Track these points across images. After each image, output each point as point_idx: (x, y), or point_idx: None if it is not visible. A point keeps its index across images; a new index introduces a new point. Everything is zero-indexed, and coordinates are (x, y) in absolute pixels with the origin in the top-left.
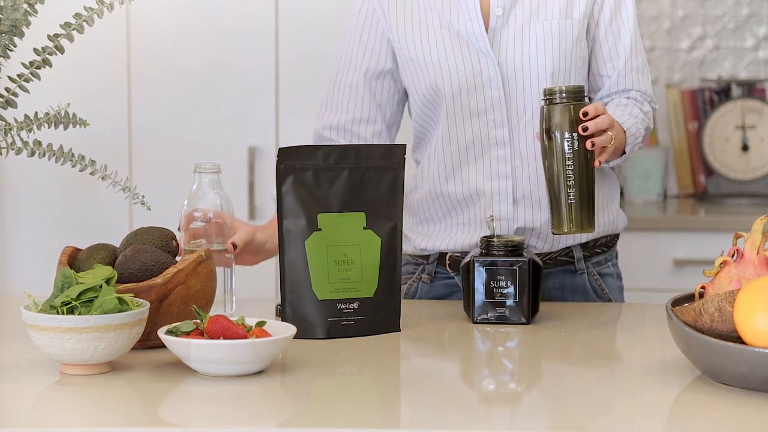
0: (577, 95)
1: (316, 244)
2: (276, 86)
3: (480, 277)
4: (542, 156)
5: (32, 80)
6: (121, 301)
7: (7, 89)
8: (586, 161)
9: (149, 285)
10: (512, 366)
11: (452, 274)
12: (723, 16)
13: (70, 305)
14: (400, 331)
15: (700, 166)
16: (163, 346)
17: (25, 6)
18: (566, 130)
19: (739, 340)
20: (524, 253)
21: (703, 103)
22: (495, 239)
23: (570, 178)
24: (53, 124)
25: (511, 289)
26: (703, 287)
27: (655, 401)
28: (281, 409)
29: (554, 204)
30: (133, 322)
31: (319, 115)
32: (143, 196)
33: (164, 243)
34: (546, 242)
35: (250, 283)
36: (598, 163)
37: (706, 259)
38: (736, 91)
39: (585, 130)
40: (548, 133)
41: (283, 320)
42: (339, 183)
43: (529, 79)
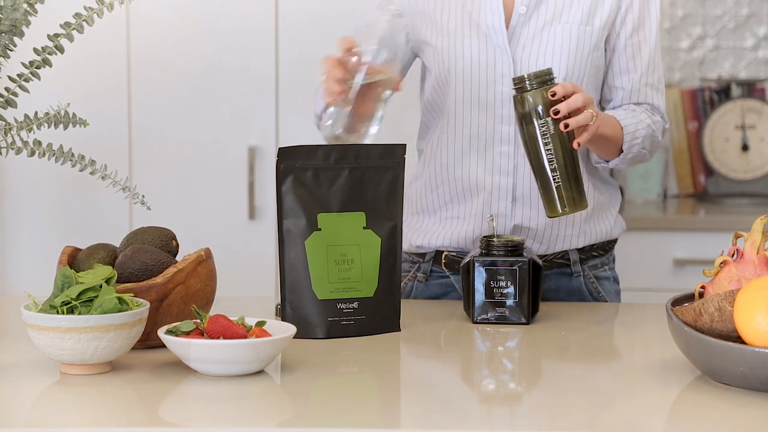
0: (545, 79)
1: (316, 244)
2: (276, 86)
3: (480, 277)
4: (523, 145)
5: (32, 80)
6: (121, 301)
7: (7, 89)
8: (564, 143)
9: (149, 285)
10: (512, 366)
11: (447, 273)
12: (723, 16)
13: (70, 305)
14: (399, 330)
15: (700, 166)
16: (163, 346)
17: (25, 6)
18: (539, 116)
19: (739, 340)
20: (524, 253)
21: (703, 102)
22: (495, 239)
23: (552, 162)
24: (53, 124)
25: (511, 289)
26: (703, 287)
27: (655, 401)
28: (281, 409)
29: (542, 189)
30: (133, 322)
31: None
32: (143, 196)
33: (164, 243)
34: (542, 244)
35: (250, 283)
36: (577, 145)
37: (706, 259)
38: (736, 90)
39: (557, 113)
40: (522, 121)
41: (283, 320)
42: (339, 183)
43: None
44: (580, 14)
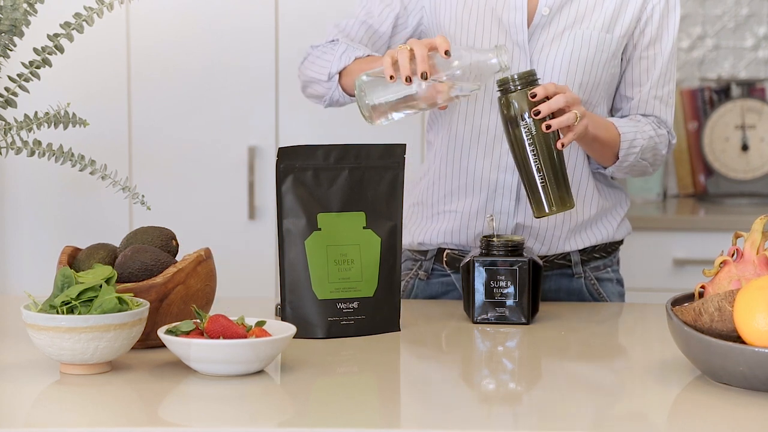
0: (529, 80)
1: (316, 244)
2: (276, 86)
3: (480, 277)
4: (508, 145)
5: (32, 80)
6: (120, 300)
7: (7, 89)
8: (548, 144)
9: (149, 285)
10: (512, 366)
11: (449, 272)
12: (723, 16)
13: (69, 305)
14: (399, 330)
15: (700, 166)
16: (163, 346)
17: (25, 6)
18: (521, 117)
19: (739, 339)
20: (524, 253)
21: (702, 102)
22: (495, 239)
23: (536, 162)
24: (53, 124)
25: (511, 289)
26: (703, 287)
27: (655, 401)
28: (281, 409)
29: (528, 189)
30: (133, 322)
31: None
32: (143, 196)
33: (164, 243)
34: (543, 245)
35: (250, 283)
36: (561, 145)
37: (706, 258)
38: (735, 90)
39: (537, 114)
40: (507, 121)
41: (283, 320)
42: (339, 183)
43: (556, 83)
44: (601, 21)
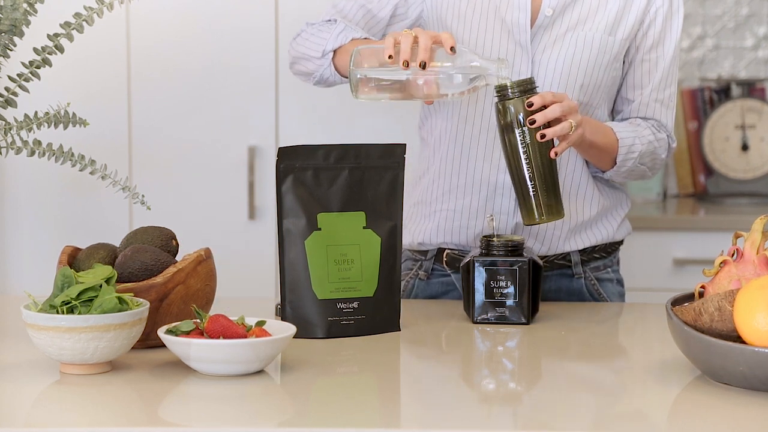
0: (526, 88)
1: (316, 244)
2: (276, 86)
3: (480, 277)
4: (502, 151)
5: (32, 80)
6: (120, 300)
7: (7, 89)
8: (542, 153)
9: (149, 285)
10: (512, 366)
11: (449, 272)
12: (723, 16)
13: (69, 305)
14: (399, 330)
15: (700, 166)
16: (163, 346)
17: (25, 6)
18: (516, 124)
19: (739, 339)
20: (524, 253)
21: (702, 102)
22: (495, 239)
23: (529, 170)
24: (53, 124)
25: (511, 289)
26: (702, 287)
27: (655, 401)
28: (281, 409)
29: (519, 196)
30: (133, 322)
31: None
32: (143, 196)
33: (164, 243)
34: (543, 245)
35: (250, 283)
36: (554, 154)
37: (706, 258)
38: (735, 90)
39: (533, 123)
40: (503, 128)
41: (283, 320)
42: (339, 182)
43: (557, 84)
44: (604, 24)
